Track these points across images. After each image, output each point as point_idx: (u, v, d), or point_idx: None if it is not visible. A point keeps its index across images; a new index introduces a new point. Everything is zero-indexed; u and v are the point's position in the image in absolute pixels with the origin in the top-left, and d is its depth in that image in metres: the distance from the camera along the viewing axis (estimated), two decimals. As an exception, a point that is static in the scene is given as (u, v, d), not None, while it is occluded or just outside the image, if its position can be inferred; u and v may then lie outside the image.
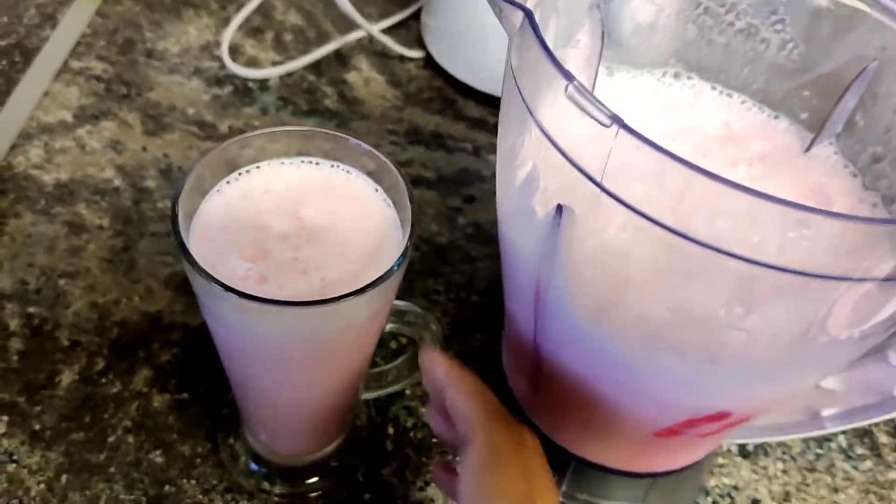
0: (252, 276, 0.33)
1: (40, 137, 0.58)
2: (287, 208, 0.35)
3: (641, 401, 0.33)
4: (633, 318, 0.29)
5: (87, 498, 0.44)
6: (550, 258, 0.30)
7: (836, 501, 0.48)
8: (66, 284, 0.52)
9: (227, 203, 0.35)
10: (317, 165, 0.37)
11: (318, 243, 0.34)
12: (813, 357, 0.29)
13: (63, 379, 0.48)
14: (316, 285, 0.33)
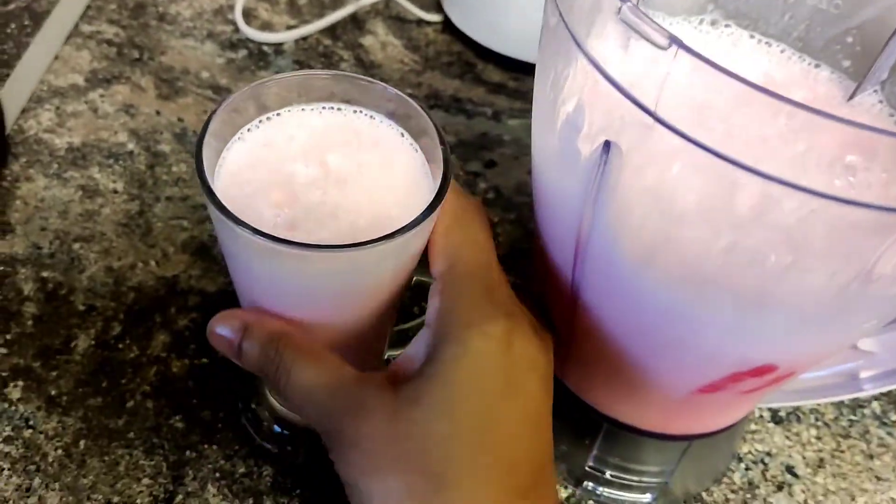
0: (281, 222, 0.32)
1: (52, 101, 0.57)
2: (312, 155, 0.34)
3: (684, 353, 0.32)
4: (683, 260, 0.27)
5: (105, 464, 0.42)
6: (594, 201, 0.29)
7: (871, 468, 0.47)
8: (80, 249, 0.50)
9: (250, 150, 0.34)
10: (340, 111, 0.36)
11: (346, 189, 0.33)
12: (865, 303, 0.28)
13: (79, 344, 0.47)
14: (346, 230, 0.32)
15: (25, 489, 0.41)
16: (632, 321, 0.32)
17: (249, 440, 0.44)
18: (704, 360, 0.32)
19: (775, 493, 0.45)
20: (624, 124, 0.26)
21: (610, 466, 0.43)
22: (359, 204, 0.33)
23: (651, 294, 0.30)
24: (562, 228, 0.32)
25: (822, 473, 0.46)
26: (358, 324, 0.36)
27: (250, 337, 0.34)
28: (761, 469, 0.46)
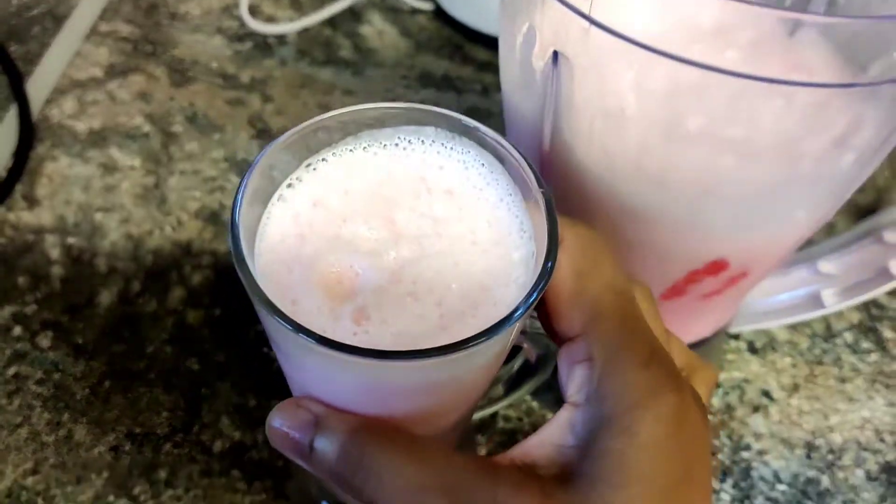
0: (346, 312, 0.25)
1: (73, 92, 0.62)
2: (374, 212, 0.27)
3: (645, 254, 0.35)
4: (630, 158, 0.31)
5: (128, 400, 0.46)
6: (552, 113, 0.33)
7: (843, 390, 0.50)
8: (102, 218, 0.55)
9: (295, 214, 0.27)
10: (400, 150, 0.29)
11: (422, 256, 0.26)
12: (798, 187, 0.31)
13: (102, 300, 0.51)
14: (431, 315, 0.25)
15: (56, 423, 0.45)
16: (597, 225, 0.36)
17: (262, 378, 0.48)
18: (662, 259, 0.35)
19: (752, 414, 0.48)
20: (567, 34, 0.30)
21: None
22: (441, 277, 0.26)
23: (609, 197, 0.33)
24: (528, 145, 0.36)
25: (796, 396, 0.49)
26: (443, 415, 0.30)
27: (325, 434, 0.26)
28: (738, 394, 0.49)
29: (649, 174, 0.31)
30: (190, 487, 0.44)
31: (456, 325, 0.25)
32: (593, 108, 0.31)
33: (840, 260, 0.45)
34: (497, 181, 0.28)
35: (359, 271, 0.26)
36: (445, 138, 0.29)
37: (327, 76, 0.64)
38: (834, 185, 0.32)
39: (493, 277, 0.26)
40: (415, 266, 0.26)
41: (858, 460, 0.47)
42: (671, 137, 0.30)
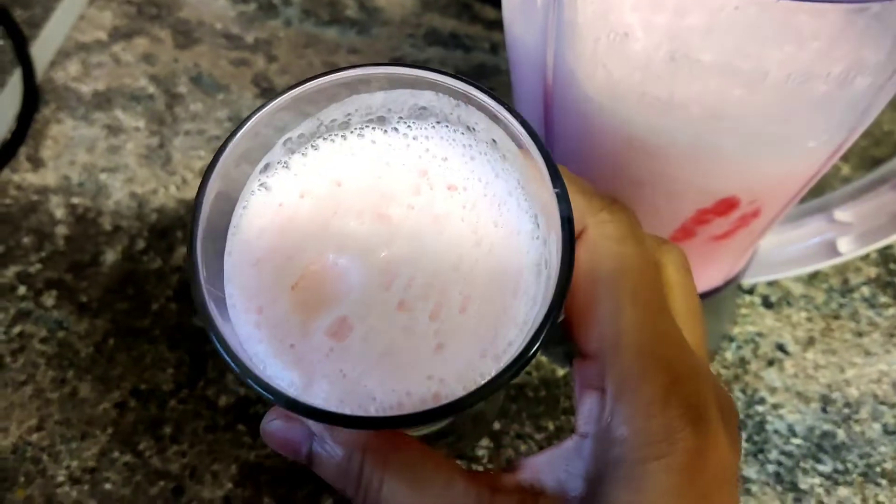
0: (323, 325, 0.22)
1: (77, 54, 0.61)
2: (367, 207, 0.24)
3: (652, 192, 0.34)
4: (639, 77, 0.30)
5: (133, 357, 0.46)
6: (555, 42, 0.32)
7: (860, 344, 0.49)
8: (106, 178, 0.54)
9: (278, 205, 0.24)
10: (399, 136, 0.25)
11: (419, 256, 0.23)
12: (811, 114, 0.30)
13: (107, 258, 0.50)
14: (425, 329, 0.22)
15: (60, 380, 0.45)
16: (605, 164, 0.35)
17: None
18: (670, 196, 0.34)
19: (766, 368, 0.47)
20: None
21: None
22: (440, 280, 0.23)
23: (614, 129, 0.32)
24: (532, 81, 0.35)
25: (812, 350, 0.48)
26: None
27: (323, 445, 0.25)
28: (752, 347, 0.48)
29: (655, 99, 0.30)
30: (195, 442, 0.43)
31: (454, 346, 0.21)
32: (596, 29, 0.30)
33: (855, 208, 0.44)
34: (506, 170, 0.25)
35: (343, 271, 0.23)
36: (448, 106, 0.25)
37: (332, 35, 0.63)
38: (847, 112, 0.31)
39: (499, 287, 0.23)
40: (409, 267, 0.23)
41: (875, 414, 0.46)
42: (678, 59, 0.29)
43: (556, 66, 0.33)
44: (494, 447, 0.44)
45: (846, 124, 0.32)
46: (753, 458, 0.43)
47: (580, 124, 0.34)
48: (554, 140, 0.36)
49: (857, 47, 0.28)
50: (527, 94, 0.37)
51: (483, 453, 0.43)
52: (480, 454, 0.43)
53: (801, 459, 0.44)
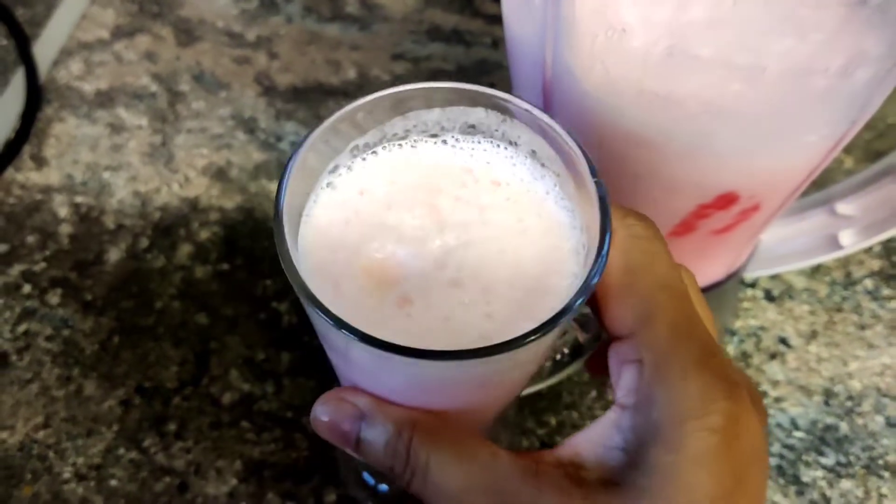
0: (390, 298, 0.25)
1: (80, 53, 0.61)
2: (419, 200, 0.27)
3: (651, 186, 0.34)
4: (637, 73, 0.30)
5: (137, 355, 0.46)
6: (554, 37, 0.32)
7: (863, 337, 0.49)
8: (109, 177, 0.54)
9: (342, 200, 0.28)
10: (448, 147, 0.29)
11: (468, 242, 0.26)
12: (810, 107, 0.30)
13: (111, 256, 0.50)
14: (477, 302, 0.25)
15: (66, 378, 0.45)
16: (603, 159, 0.35)
17: (270, 332, 0.47)
18: (669, 190, 0.35)
19: (768, 361, 0.47)
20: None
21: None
22: (487, 264, 0.25)
23: (613, 124, 0.33)
24: (530, 77, 0.35)
25: (815, 343, 0.48)
26: (489, 406, 0.30)
27: (372, 426, 0.26)
28: (755, 341, 0.48)
29: (653, 95, 0.30)
30: (199, 439, 0.43)
31: (503, 313, 0.24)
32: (594, 25, 0.30)
33: (858, 200, 0.44)
34: (544, 176, 0.28)
35: (402, 258, 0.26)
36: (495, 122, 0.28)
37: (334, 32, 0.63)
38: (847, 105, 0.31)
39: (543, 266, 0.26)
40: (459, 253, 0.26)
41: (878, 406, 0.46)
42: (676, 55, 0.29)
43: (554, 63, 0.33)
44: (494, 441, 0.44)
45: (846, 118, 0.32)
46: (756, 452, 0.44)
47: (578, 119, 0.34)
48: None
49: (858, 40, 0.28)
50: (525, 90, 0.37)
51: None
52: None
53: (803, 452, 0.44)
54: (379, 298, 0.25)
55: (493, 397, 0.29)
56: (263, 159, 0.55)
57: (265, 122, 0.57)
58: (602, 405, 0.45)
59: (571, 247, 0.26)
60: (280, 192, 0.25)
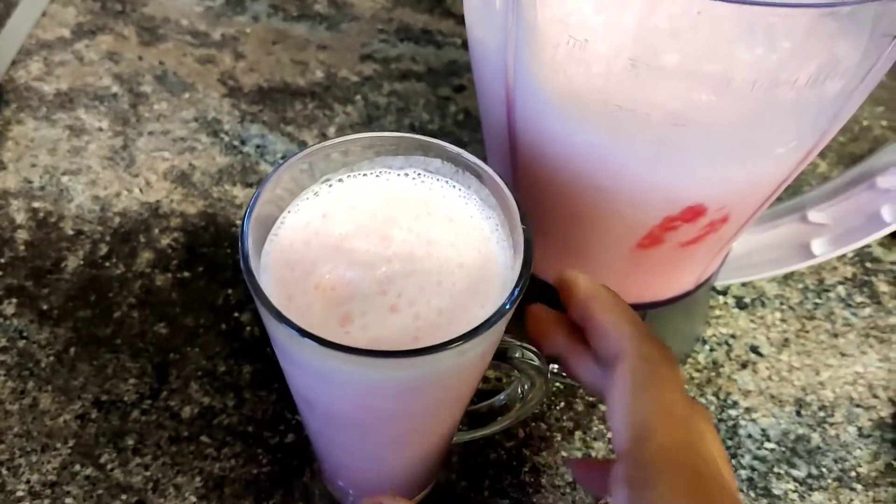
0: (334, 315, 0.28)
1: (40, 53, 0.60)
2: (374, 228, 0.30)
3: (617, 198, 0.34)
4: (593, 86, 0.29)
5: (94, 367, 0.45)
6: (515, 45, 0.31)
7: (836, 345, 0.48)
8: (68, 181, 0.53)
9: (305, 222, 0.30)
10: (409, 179, 0.32)
11: (411, 272, 0.29)
12: (779, 119, 0.30)
13: (68, 264, 0.49)
14: (408, 326, 0.28)
15: (20, 391, 0.44)
16: (566, 169, 0.34)
17: (232, 343, 0.46)
18: (635, 203, 0.34)
19: (740, 370, 0.47)
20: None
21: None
22: (424, 292, 0.28)
23: (577, 135, 0.32)
24: (493, 84, 0.34)
25: (786, 352, 0.48)
26: (424, 417, 0.32)
27: None
28: (726, 350, 0.47)
29: (616, 106, 0.29)
30: (158, 455, 0.42)
31: (428, 337, 0.27)
32: (556, 35, 0.29)
33: (831, 209, 0.43)
34: (490, 217, 0.31)
35: (350, 281, 0.28)
36: (450, 172, 0.32)
37: (301, 31, 0.62)
38: (816, 118, 0.30)
39: (472, 298, 0.28)
40: (401, 281, 0.28)
41: (850, 416, 0.45)
42: (639, 67, 0.28)
43: (516, 70, 0.32)
44: (466, 453, 0.43)
45: (816, 129, 0.31)
46: (726, 464, 0.43)
47: (541, 128, 0.33)
48: (516, 143, 0.35)
49: (828, 50, 0.27)
50: (489, 97, 0.36)
51: (455, 459, 0.43)
52: (454, 460, 0.43)
53: (774, 464, 0.43)
54: (325, 315, 0.28)
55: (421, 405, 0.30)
56: (227, 163, 0.54)
57: (229, 124, 0.56)
58: (570, 416, 0.44)
59: (501, 282, 0.29)
60: (249, 214, 0.28)
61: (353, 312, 0.28)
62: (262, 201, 0.29)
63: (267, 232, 0.30)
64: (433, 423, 0.33)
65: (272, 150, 0.55)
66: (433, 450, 0.37)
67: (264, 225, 0.30)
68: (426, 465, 0.38)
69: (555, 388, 0.45)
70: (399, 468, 0.37)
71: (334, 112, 0.58)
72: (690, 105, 0.29)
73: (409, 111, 0.58)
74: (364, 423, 0.31)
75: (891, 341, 0.48)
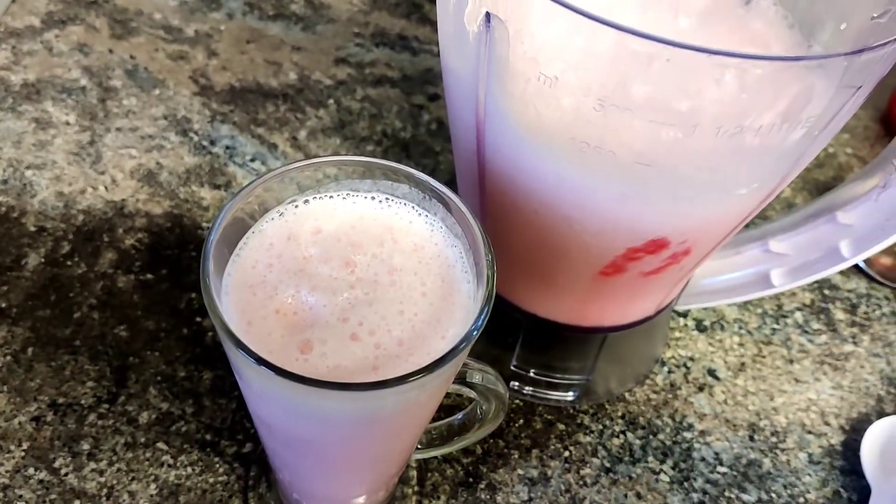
0: (293, 341, 0.27)
1: (7, 41, 0.59)
2: (338, 252, 0.30)
3: (582, 227, 0.34)
4: (569, 120, 0.29)
5: (52, 369, 0.44)
6: (486, 76, 0.31)
7: (791, 371, 0.49)
8: (32, 175, 0.52)
9: (269, 244, 0.30)
10: (376, 202, 0.32)
11: (373, 300, 0.29)
12: (742, 163, 0.30)
13: (29, 261, 0.48)
14: (368, 356, 0.27)
15: (-26, 391, 0.43)
16: (533, 198, 0.34)
17: (193, 348, 0.46)
18: (599, 234, 0.34)
19: (696, 393, 0.47)
20: (501, -6, 0.28)
21: (533, 365, 0.45)
22: (385, 320, 0.28)
23: (544, 166, 0.32)
24: (465, 110, 0.34)
25: (742, 376, 0.48)
26: (382, 443, 0.32)
27: None
28: (683, 372, 0.48)
29: (583, 144, 0.30)
30: (113, 461, 0.42)
31: (387, 367, 0.27)
32: (527, 70, 0.29)
33: (792, 239, 0.44)
34: (455, 245, 0.31)
35: (311, 306, 0.28)
36: (417, 198, 0.32)
37: (276, 31, 0.61)
38: (779, 161, 0.30)
39: (433, 328, 0.28)
40: (363, 309, 0.28)
41: (802, 443, 0.46)
42: (608, 107, 0.28)
43: (486, 102, 0.32)
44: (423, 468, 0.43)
45: (778, 172, 0.32)
46: (679, 486, 0.44)
47: (510, 158, 0.33)
48: (485, 170, 0.35)
49: (793, 99, 0.27)
50: (460, 124, 0.36)
51: (413, 475, 0.43)
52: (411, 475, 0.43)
53: (726, 488, 0.44)
54: (285, 341, 0.27)
55: (380, 431, 0.31)
56: (195, 163, 0.54)
57: (199, 123, 0.56)
58: (528, 434, 0.45)
59: (463, 314, 0.29)
60: (212, 234, 0.28)
61: (313, 340, 0.27)
62: (227, 221, 0.28)
63: (230, 252, 0.29)
64: (391, 447, 0.33)
65: (242, 151, 0.55)
66: (390, 469, 0.37)
67: (227, 245, 0.29)
68: (382, 483, 0.38)
69: (514, 405, 0.46)
70: (355, 486, 0.38)
71: (306, 115, 0.57)
72: (656, 146, 0.29)
73: (382, 117, 0.58)
74: (320, 446, 0.31)
75: (844, 369, 0.49)
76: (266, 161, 0.55)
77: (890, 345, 0.51)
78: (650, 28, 0.25)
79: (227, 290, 0.28)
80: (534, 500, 0.42)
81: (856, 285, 0.54)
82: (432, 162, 0.56)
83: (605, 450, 0.44)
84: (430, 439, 0.39)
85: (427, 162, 0.56)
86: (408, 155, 0.56)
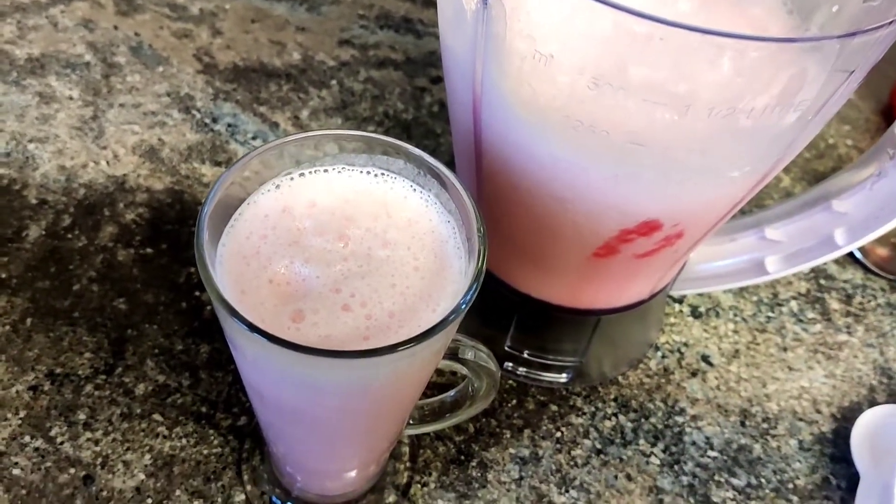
0: (286, 311, 0.28)
1: (13, 16, 0.59)
2: (333, 225, 0.30)
3: (575, 207, 0.34)
4: (563, 99, 0.29)
5: (50, 339, 0.45)
6: (483, 54, 0.31)
7: (784, 359, 0.49)
8: (35, 149, 0.53)
9: (264, 215, 0.30)
10: (371, 177, 0.32)
11: (366, 272, 0.29)
12: (735, 145, 0.30)
13: (30, 233, 0.49)
14: (359, 326, 0.28)
15: (-27, 360, 0.44)
16: (527, 178, 0.34)
17: (191, 322, 0.46)
18: (592, 214, 0.34)
19: (689, 378, 0.48)
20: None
21: (527, 346, 0.45)
22: (377, 292, 0.28)
23: (539, 145, 0.32)
24: (462, 91, 0.34)
25: (736, 363, 0.49)
26: (374, 414, 0.33)
27: None
28: (677, 357, 0.48)
29: (577, 122, 0.30)
30: (109, 430, 0.42)
31: (378, 338, 0.27)
32: (523, 49, 0.30)
33: (787, 227, 0.44)
34: (448, 221, 0.31)
35: (304, 277, 0.28)
36: (412, 173, 0.32)
37: (281, 11, 0.62)
38: (772, 145, 0.31)
39: (424, 302, 0.29)
40: (355, 281, 0.29)
41: (793, 430, 0.46)
42: (602, 86, 0.28)
43: (483, 80, 0.32)
44: (415, 444, 0.44)
45: (771, 156, 0.32)
46: (669, 469, 0.44)
47: (506, 136, 0.33)
48: (482, 148, 0.36)
49: (786, 82, 0.28)
50: (458, 102, 0.36)
51: (405, 451, 0.43)
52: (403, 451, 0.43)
53: (716, 472, 0.44)
54: (277, 310, 0.28)
55: (371, 402, 0.31)
56: (197, 140, 0.54)
57: (202, 101, 0.56)
58: (520, 414, 0.45)
59: (454, 289, 0.29)
60: (207, 204, 0.28)
61: (305, 310, 0.28)
62: (223, 192, 0.29)
63: (225, 223, 0.30)
64: (382, 419, 0.34)
65: (243, 129, 0.55)
66: (382, 443, 0.37)
67: (222, 216, 0.29)
68: (374, 457, 0.39)
69: (507, 385, 0.46)
70: (347, 459, 0.38)
71: (309, 95, 0.58)
72: (649, 126, 0.29)
73: (385, 99, 0.58)
74: (312, 417, 0.31)
75: (838, 358, 0.50)
76: (267, 139, 0.55)
77: (883, 335, 0.51)
78: (649, 11, 0.26)
79: (222, 259, 0.29)
80: (524, 478, 0.43)
81: (851, 276, 0.54)
82: (433, 143, 0.56)
83: (596, 431, 0.45)
84: (422, 415, 0.40)
85: (428, 143, 0.56)
86: (409, 136, 0.56)
